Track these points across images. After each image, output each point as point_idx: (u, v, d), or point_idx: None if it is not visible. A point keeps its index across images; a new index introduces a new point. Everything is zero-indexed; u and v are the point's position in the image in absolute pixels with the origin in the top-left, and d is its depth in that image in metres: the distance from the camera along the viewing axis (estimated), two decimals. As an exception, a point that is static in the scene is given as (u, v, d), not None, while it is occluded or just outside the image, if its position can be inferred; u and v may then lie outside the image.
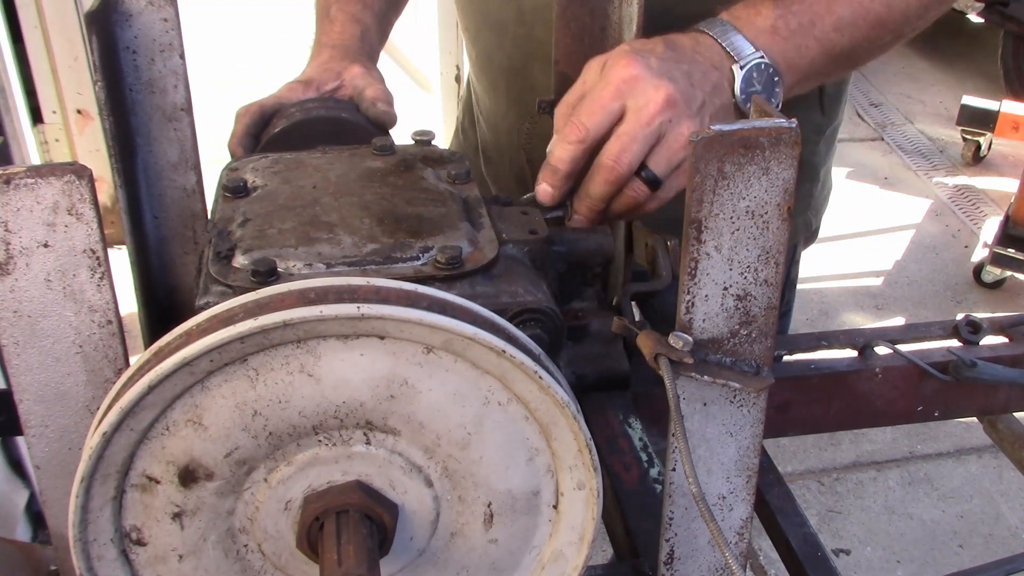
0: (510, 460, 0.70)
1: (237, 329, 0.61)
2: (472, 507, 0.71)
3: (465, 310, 0.66)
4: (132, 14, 0.83)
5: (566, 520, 0.72)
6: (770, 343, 0.74)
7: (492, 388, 0.67)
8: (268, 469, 0.68)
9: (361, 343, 0.64)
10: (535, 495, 0.72)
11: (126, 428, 0.63)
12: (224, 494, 0.68)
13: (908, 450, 3.05)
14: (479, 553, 0.73)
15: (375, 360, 0.65)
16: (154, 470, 0.66)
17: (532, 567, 0.75)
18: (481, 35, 1.43)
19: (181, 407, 0.65)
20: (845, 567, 2.61)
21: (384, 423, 0.67)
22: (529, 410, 0.68)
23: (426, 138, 0.99)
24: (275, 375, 0.64)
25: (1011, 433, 1.30)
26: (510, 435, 0.69)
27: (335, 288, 0.64)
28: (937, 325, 1.20)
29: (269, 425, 0.66)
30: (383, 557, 0.70)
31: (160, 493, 0.67)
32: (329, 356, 0.64)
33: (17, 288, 0.67)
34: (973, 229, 4.22)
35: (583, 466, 0.70)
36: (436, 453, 0.69)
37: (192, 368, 0.62)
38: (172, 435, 0.65)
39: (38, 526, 2.27)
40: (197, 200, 0.91)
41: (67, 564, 0.71)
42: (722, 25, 1.01)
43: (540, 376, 0.65)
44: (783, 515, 1.01)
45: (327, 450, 0.68)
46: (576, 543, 0.73)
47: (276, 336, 0.62)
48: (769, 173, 0.67)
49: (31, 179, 0.64)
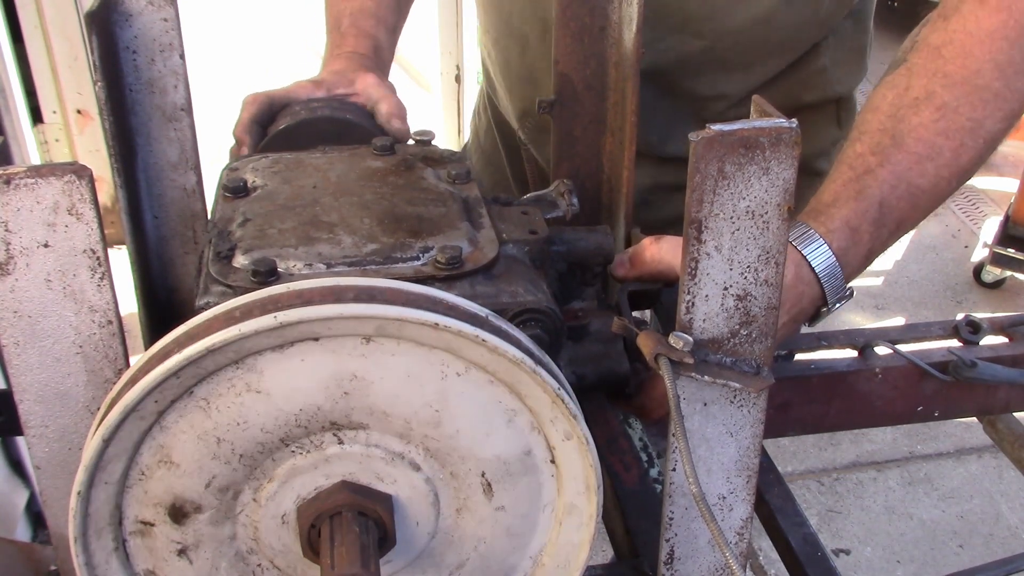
0: (488, 426, 0.69)
1: (167, 365, 0.61)
2: (467, 480, 0.71)
3: (395, 291, 0.65)
4: (132, 14, 0.83)
5: (567, 472, 0.72)
6: (770, 343, 0.74)
7: (445, 361, 0.66)
8: (253, 489, 0.68)
9: (297, 349, 0.64)
10: (527, 455, 0.71)
11: (99, 483, 0.64)
12: (219, 522, 0.68)
13: (908, 450, 3.04)
14: (490, 523, 0.73)
15: (317, 362, 0.64)
16: (145, 514, 0.67)
17: (550, 524, 0.74)
18: (501, 42, 1.43)
19: (147, 451, 0.65)
20: (845, 567, 2.61)
21: (349, 420, 0.67)
22: (490, 373, 0.67)
23: (426, 138, 0.99)
24: (225, 400, 0.64)
25: (1011, 433, 1.30)
26: (480, 402, 0.68)
27: (259, 302, 0.64)
28: (937, 325, 1.20)
29: (237, 448, 0.66)
30: (392, 549, 0.70)
31: (158, 534, 0.68)
32: (271, 369, 0.64)
33: (17, 288, 0.67)
34: (973, 229, 4.22)
35: (563, 416, 0.68)
36: (412, 436, 0.68)
37: (140, 412, 0.62)
38: (149, 478, 0.66)
39: (38, 526, 2.27)
40: (197, 200, 0.91)
41: (67, 564, 0.71)
42: (826, 258, 0.97)
43: (483, 340, 0.64)
44: (783, 515, 1.01)
45: (303, 458, 0.68)
46: (584, 492, 0.72)
47: (209, 363, 0.62)
48: (769, 173, 0.67)
49: (31, 179, 0.64)
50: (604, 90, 1.08)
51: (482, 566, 0.75)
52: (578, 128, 1.11)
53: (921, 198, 1.01)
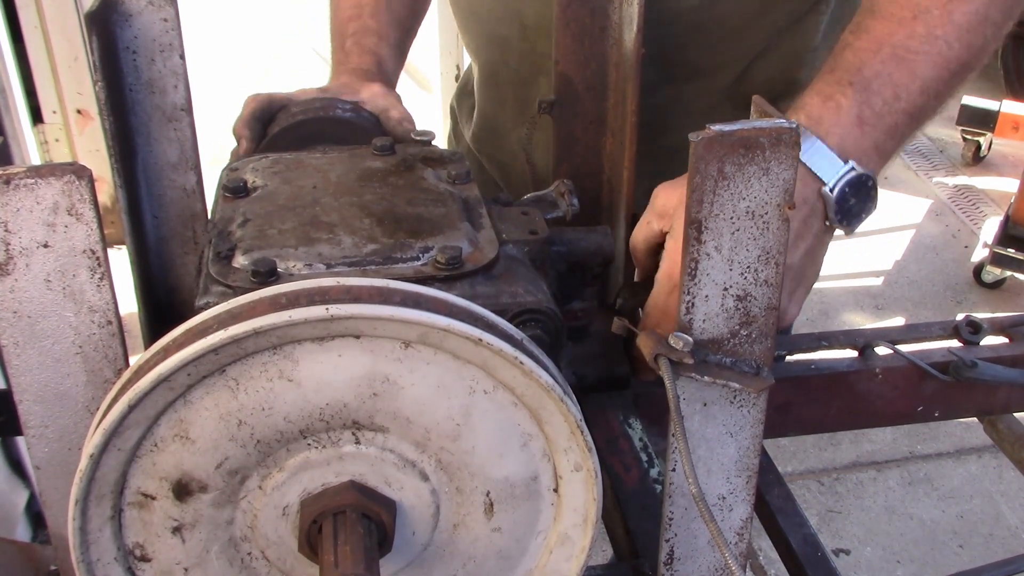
0: (504, 447, 0.69)
1: (209, 341, 0.61)
2: (471, 497, 0.71)
3: (440, 301, 0.66)
4: (132, 14, 0.83)
5: (568, 503, 0.72)
6: (770, 343, 0.74)
7: (476, 377, 0.67)
8: (261, 476, 0.68)
9: (337, 344, 0.64)
10: (534, 480, 0.71)
11: (113, 448, 0.64)
12: (221, 505, 0.68)
13: (908, 450, 3.04)
14: (484, 542, 0.73)
15: (353, 360, 0.65)
16: (148, 487, 0.67)
17: (539, 552, 0.75)
18: (483, 52, 1.42)
19: (166, 423, 0.65)
20: (845, 567, 2.61)
21: (371, 421, 0.67)
22: (516, 396, 0.68)
23: (426, 138, 0.99)
24: (255, 383, 0.64)
25: (1011, 433, 1.30)
26: (500, 423, 0.69)
27: (307, 291, 0.64)
28: (937, 325, 1.20)
29: (256, 433, 0.66)
30: (386, 555, 0.70)
31: (157, 509, 0.67)
32: (307, 360, 0.64)
33: (17, 288, 0.67)
34: (973, 229, 4.22)
35: (577, 448, 0.69)
36: (428, 447, 0.69)
37: (171, 383, 0.62)
38: (161, 451, 0.65)
39: (38, 526, 2.27)
40: (197, 200, 0.91)
41: (67, 564, 0.71)
42: (802, 135, 0.83)
43: (521, 362, 0.65)
44: (783, 515, 1.01)
45: (317, 453, 0.68)
46: (580, 525, 0.73)
47: (250, 344, 0.62)
48: (769, 173, 0.67)
49: (31, 179, 0.64)
50: (604, 90, 1.08)
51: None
52: (578, 128, 1.11)
53: (916, 61, 0.94)
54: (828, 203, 0.93)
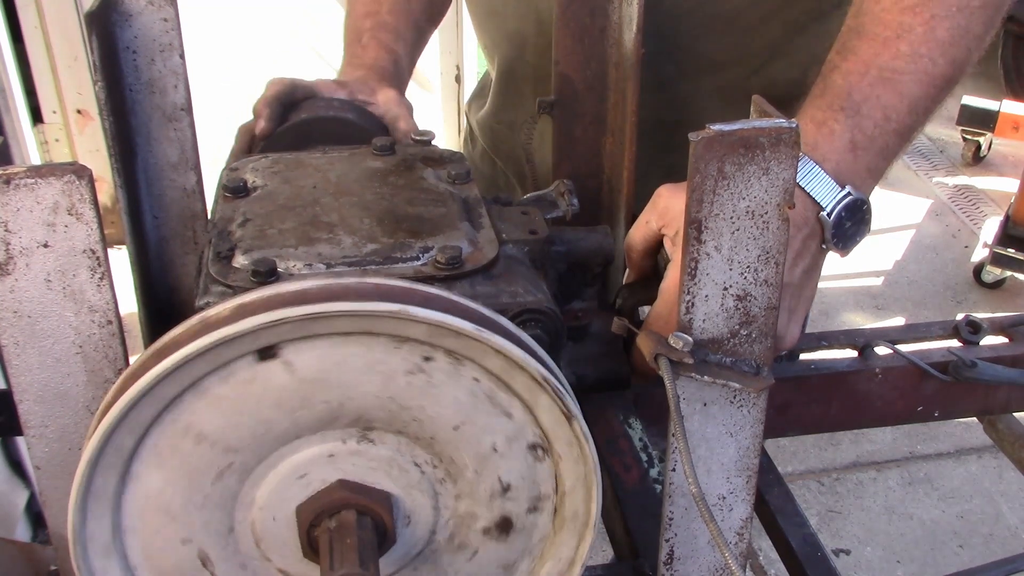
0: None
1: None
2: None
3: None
4: (132, 14, 0.83)
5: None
6: (770, 343, 0.74)
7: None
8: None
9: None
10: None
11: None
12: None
13: (908, 450, 3.04)
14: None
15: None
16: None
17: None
18: (500, 48, 1.42)
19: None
20: (845, 567, 2.61)
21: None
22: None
23: (426, 138, 0.99)
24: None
25: (1011, 433, 1.30)
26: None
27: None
28: (937, 325, 1.20)
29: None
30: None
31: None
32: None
33: (17, 288, 0.67)
34: (973, 229, 4.22)
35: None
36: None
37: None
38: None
39: (38, 526, 2.27)
40: (197, 200, 0.91)
41: (67, 564, 0.71)
42: (800, 160, 0.89)
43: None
44: (783, 515, 1.01)
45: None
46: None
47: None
48: (769, 173, 0.67)
49: (31, 179, 0.64)
50: (604, 91, 1.08)
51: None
52: (578, 128, 1.11)
53: (902, 81, 0.95)
54: (825, 227, 0.94)
